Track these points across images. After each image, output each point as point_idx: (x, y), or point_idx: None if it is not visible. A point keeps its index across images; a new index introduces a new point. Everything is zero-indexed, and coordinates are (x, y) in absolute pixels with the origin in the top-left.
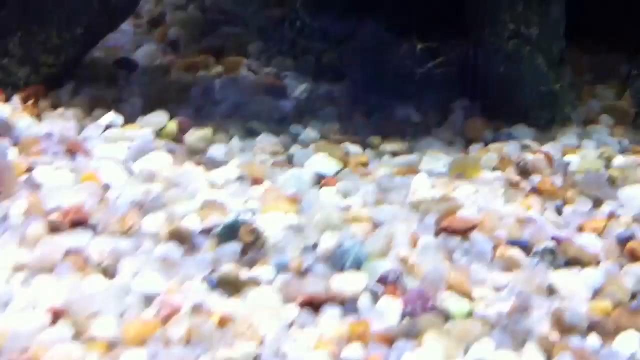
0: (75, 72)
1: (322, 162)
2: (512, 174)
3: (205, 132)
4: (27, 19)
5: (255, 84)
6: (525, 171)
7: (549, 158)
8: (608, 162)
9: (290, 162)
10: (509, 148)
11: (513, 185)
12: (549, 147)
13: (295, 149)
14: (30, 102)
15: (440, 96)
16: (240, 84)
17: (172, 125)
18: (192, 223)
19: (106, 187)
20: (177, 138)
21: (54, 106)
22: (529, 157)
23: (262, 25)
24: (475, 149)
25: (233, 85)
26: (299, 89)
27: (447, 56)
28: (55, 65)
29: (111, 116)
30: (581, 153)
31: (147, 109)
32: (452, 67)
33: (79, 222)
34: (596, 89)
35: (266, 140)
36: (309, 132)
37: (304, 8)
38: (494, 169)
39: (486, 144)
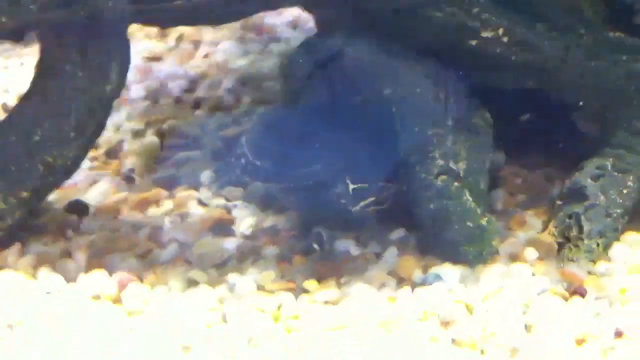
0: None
1: (254, 322)
2: (432, 327)
3: (143, 291)
4: None
5: (203, 220)
6: (445, 323)
7: (469, 308)
8: (526, 307)
9: (225, 320)
10: (435, 294)
11: (433, 339)
12: (471, 292)
13: (230, 306)
14: None
15: (378, 227)
16: (188, 222)
17: (112, 285)
18: None
19: None
20: (116, 298)
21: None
22: (450, 307)
23: (216, 148)
24: (401, 295)
25: (182, 223)
26: (245, 223)
27: (377, 197)
28: (1, 229)
29: (51, 280)
30: (500, 297)
31: (91, 264)
32: (383, 205)
33: None
34: (526, 216)
35: (204, 295)
36: (245, 283)
37: (248, 145)
38: (418, 320)
39: (413, 288)
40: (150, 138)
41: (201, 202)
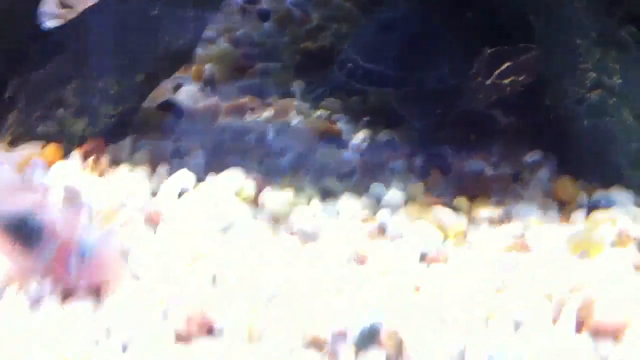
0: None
1: (422, 234)
2: (635, 253)
3: (286, 194)
4: (83, 66)
5: (309, 130)
6: None
7: None
8: None
9: (383, 232)
10: (618, 217)
11: (638, 267)
12: None
13: (384, 215)
14: (92, 158)
15: (510, 146)
16: (294, 131)
17: (249, 186)
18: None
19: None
20: (254, 199)
21: (115, 163)
22: None
23: (299, 61)
24: (578, 217)
25: (287, 132)
26: (358, 136)
27: (515, 62)
28: (113, 115)
29: (183, 176)
30: None
31: (212, 164)
32: (522, 73)
33: None
34: None
35: (349, 204)
36: (394, 194)
37: (356, 50)
38: (613, 244)
39: (588, 211)
40: (225, 45)
41: (301, 112)
